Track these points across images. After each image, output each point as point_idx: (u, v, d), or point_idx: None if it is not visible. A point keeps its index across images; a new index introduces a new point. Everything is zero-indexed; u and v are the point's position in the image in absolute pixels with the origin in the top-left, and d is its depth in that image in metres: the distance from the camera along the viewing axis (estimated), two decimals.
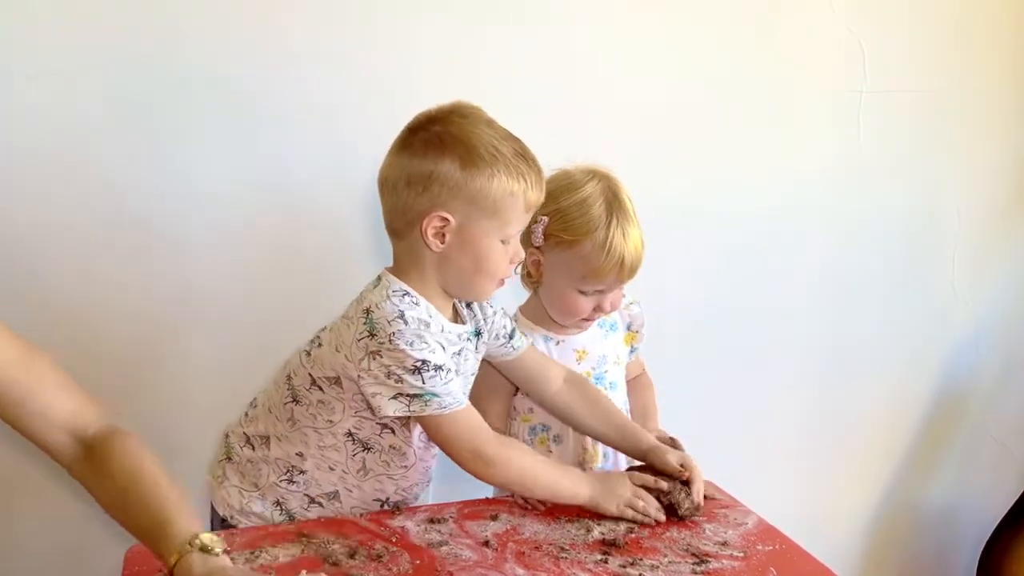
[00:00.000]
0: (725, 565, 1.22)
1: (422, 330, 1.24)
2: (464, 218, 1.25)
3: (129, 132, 1.66)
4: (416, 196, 1.24)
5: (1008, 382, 2.26)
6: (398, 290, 1.28)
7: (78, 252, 1.67)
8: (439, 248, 1.26)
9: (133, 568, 1.15)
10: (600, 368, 1.53)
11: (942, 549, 2.33)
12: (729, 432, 2.02)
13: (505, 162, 1.24)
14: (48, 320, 1.67)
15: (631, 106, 1.87)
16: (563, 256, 1.42)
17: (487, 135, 1.25)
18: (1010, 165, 2.13)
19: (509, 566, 1.19)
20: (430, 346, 1.24)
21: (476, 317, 1.39)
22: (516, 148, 1.26)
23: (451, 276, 1.29)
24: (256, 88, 1.67)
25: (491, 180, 1.23)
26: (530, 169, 1.26)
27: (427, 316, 1.27)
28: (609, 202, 1.41)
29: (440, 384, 1.24)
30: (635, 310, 1.57)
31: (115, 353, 1.70)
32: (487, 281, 1.30)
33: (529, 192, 1.26)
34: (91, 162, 1.65)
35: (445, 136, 1.24)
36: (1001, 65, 2.06)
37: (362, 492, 1.36)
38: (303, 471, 1.35)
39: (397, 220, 1.28)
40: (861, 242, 2.08)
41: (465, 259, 1.27)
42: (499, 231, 1.26)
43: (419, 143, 1.25)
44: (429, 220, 1.24)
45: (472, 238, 1.26)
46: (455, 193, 1.23)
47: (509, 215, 1.26)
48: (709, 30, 1.89)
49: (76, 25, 1.60)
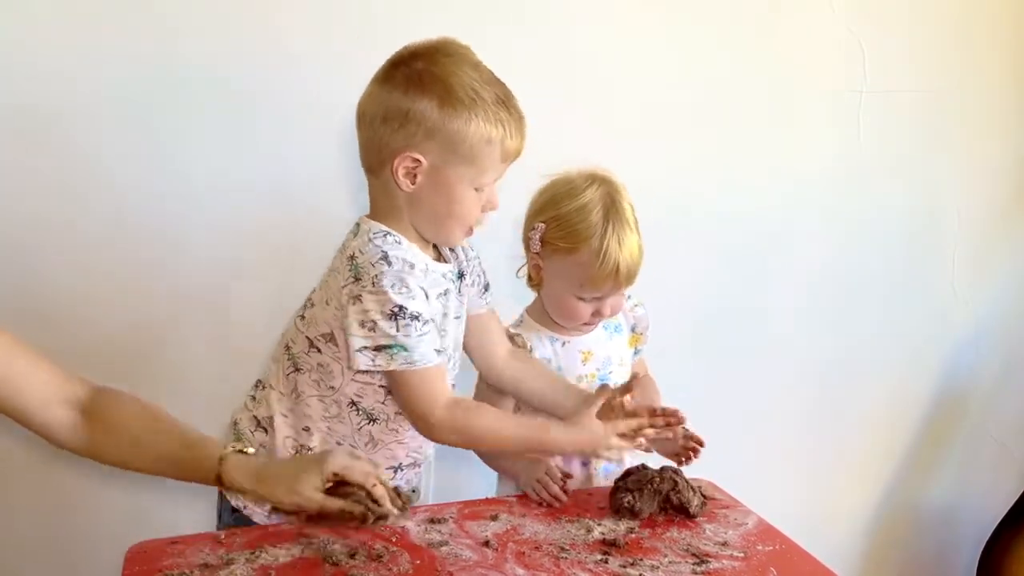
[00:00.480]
0: (725, 565, 1.22)
1: (406, 272, 1.23)
2: (437, 161, 1.22)
3: (129, 132, 1.66)
4: (391, 133, 1.22)
5: (1008, 382, 2.26)
6: (379, 232, 1.26)
7: (78, 252, 1.67)
8: (409, 188, 1.24)
9: (133, 568, 1.15)
10: (605, 369, 1.53)
11: (942, 549, 2.33)
12: (729, 432, 2.01)
13: (484, 107, 1.21)
14: (48, 319, 1.67)
15: (631, 106, 1.87)
16: (561, 263, 1.42)
17: (469, 77, 1.22)
18: (1010, 165, 2.13)
19: (509, 566, 1.19)
20: (411, 291, 1.22)
21: (459, 259, 1.38)
22: (499, 93, 1.23)
23: (421, 217, 1.27)
24: (256, 88, 1.67)
25: (468, 124, 1.20)
26: (511, 117, 1.23)
27: (411, 256, 1.25)
28: (607, 209, 1.40)
29: (414, 335, 1.22)
30: (639, 312, 1.57)
31: (115, 352, 1.70)
32: (456, 227, 1.28)
33: (508, 140, 1.23)
34: (91, 162, 1.65)
35: (426, 74, 1.21)
36: (1001, 65, 2.06)
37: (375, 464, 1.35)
38: (310, 448, 1.33)
39: (371, 156, 1.27)
40: (861, 242, 2.08)
41: (436, 202, 1.25)
42: (473, 178, 1.24)
43: (400, 78, 1.23)
44: (401, 160, 1.22)
45: (445, 182, 1.23)
46: (430, 134, 1.21)
47: (484, 162, 1.23)
48: (709, 30, 1.89)
49: (76, 25, 1.61)
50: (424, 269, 1.27)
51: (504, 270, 1.54)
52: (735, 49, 1.91)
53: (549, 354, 1.50)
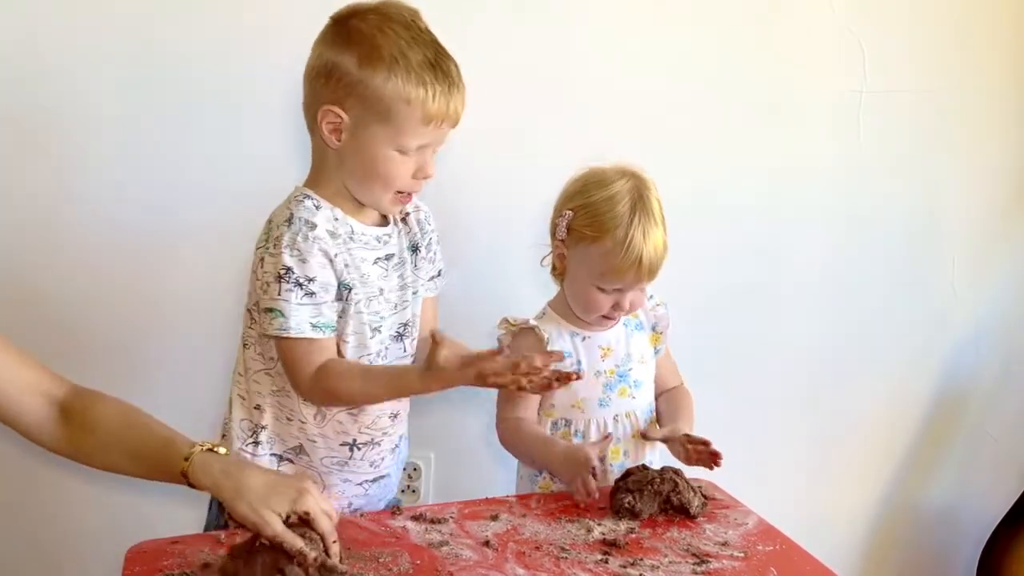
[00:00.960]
0: (726, 565, 1.22)
1: (301, 234, 1.22)
2: (357, 117, 1.22)
3: (129, 132, 1.66)
4: (319, 88, 1.24)
5: (1008, 382, 2.25)
6: (299, 195, 1.27)
7: (79, 251, 1.68)
8: (335, 145, 1.25)
9: (134, 568, 1.15)
10: (624, 366, 1.53)
11: (942, 549, 2.32)
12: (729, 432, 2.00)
13: (407, 67, 1.20)
14: (48, 318, 1.67)
15: (631, 106, 1.87)
16: (585, 251, 1.44)
17: (396, 36, 1.21)
18: (1010, 165, 2.12)
19: (510, 566, 1.19)
20: (302, 254, 1.22)
21: (413, 232, 1.38)
22: (428, 56, 1.22)
23: (347, 176, 1.28)
24: (256, 88, 1.67)
25: (386, 82, 1.20)
26: (436, 80, 1.22)
27: (319, 218, 1.25)
28: (635, 201, 1.42)
29: (293, 301, 1.22)
30: (661, 311, 1.58)
31: (115, 350, 1.70)
32: (380, 189, 1.27)
33: (429, 103, 1.21)
34: (91, 161, 1.65)
35: (354, 30, 1.22)
36: (1001, 65, 2.06)
37: (326, 440, 1.34)
38: (264, 426, 1.33)
39: (306, 112, 1.28)
40: (861, 242, 2.08)
41: (357, 162, 1.25)
42: (391, 138, 1.23)
43: (331, 34, 1.24)
44: (323, 114, 1.23)
45: (364, 141, 1.23)
46: (349, 90, 1.21)
47: (402, 123, 1.22)
48: (709, 30, 1.89)
49: (76, 26, 1.61)
50: (344, 233, 1.27)
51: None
52: (735, 49, 1.91)
53: (569, 348, 1.50)
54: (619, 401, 1.52)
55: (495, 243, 1.86)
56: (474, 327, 1.75)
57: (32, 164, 1.65)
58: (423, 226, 1.40)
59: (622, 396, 1.52)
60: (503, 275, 1.86)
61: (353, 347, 1.31)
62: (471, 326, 1.77)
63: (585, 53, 1.84)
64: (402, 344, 1.37)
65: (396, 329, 1.36)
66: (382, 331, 1.34)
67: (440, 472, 1.98)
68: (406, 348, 1.38)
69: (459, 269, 1.74)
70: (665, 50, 1.88)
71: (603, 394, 1.51)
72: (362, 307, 1.30)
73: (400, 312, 1.35)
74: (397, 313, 1.36)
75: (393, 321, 1.35)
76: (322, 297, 1.25)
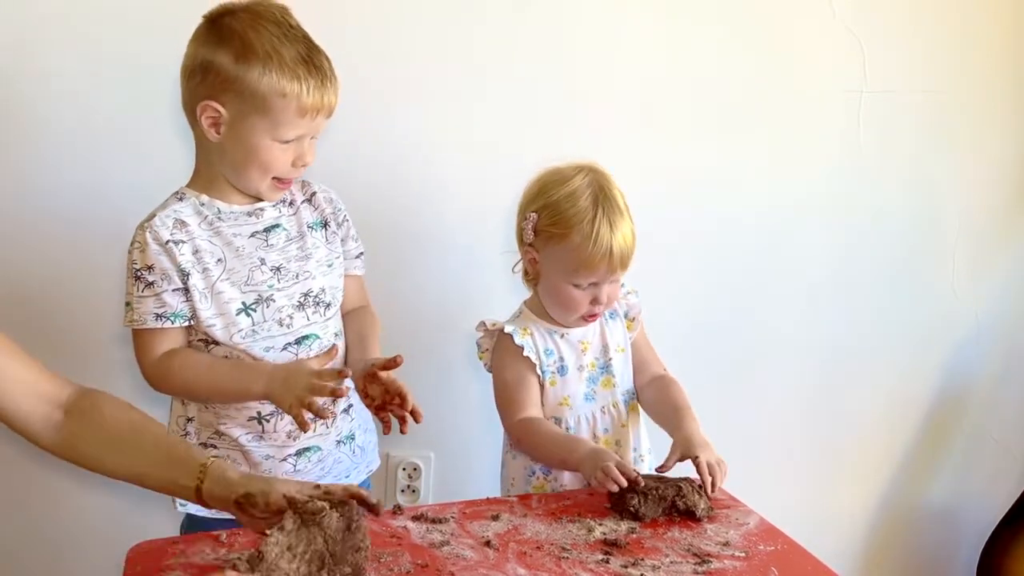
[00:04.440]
0: (727, 565, 1.22)
1: (149, 227, 1.30)
2: (235, 112, 1.27)
3: (129, 132, 1.66)
4: (196, 86, 1.29)
5: (1008, 382, 2.26)
6: (176, 193, 1.35)
7: (79, 251, 1.67)
8: (215, 138, 1.30)
9: (135, 568, 1.14)
10: (604, 357, 1.54)
11: (942, 549, 2.33)
12: (729, 432, 2.00)
13: (280, 62, 1.25)
14: (47, 318, 1.67)
15: (630, 106, 1.87)
16: (555, 250, 1.44)
17: (269, 33, 1.26)
18: (1010, 165, 2.12)
19: (511, 566, 1.19)
20: (143, 246, 1.30)
21: (322, 208, 1.43)
22: (300, 52, 1.27)
23: (226, 166, 1.33)
24: None
25: (261, 78, 1.25)
26: (310, 74, 1.27)
27: (173, 207, 1.32)
28: (596, 194, 1.43)
29: (136, 294, 1.31)
30: (632, 299, 1.58)
31: (114, 350, 1.70)
32: (256, 175, 1.33)
33: (304, 96, 1.27)
34: (91, 161, 1.65)
35: (226, 29, 1.27)
36: (1001, 65, 2.06)
37: (234, 419, 1.37)
38: (191, 418, 1.39)
39: (186, 108, 1.32)
40: (861, 242, 2.08)
41: (236, 152, 1.31)
42: (268, 129, 1.28)
43: (205, 33, 1.29)
44: (202, 110, 1.28)
45: (243, 133, 1.29)
46: (227, 86, 1.26)
47: (279, 116, 1.27)
48: (709, 30, 1.89)
49: (76, 26, 1.61)
50: (210, 215, 1.33)
51: (500, 265, 1.54)
52: (735, 49, 1.91)
53: (550, 346, 1.51)
54: (604, 393, 1.53)
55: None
56: (452, 329, 1.77)
57: (31, 164, 1.65)
58: (335, 204, 1.46)
59: (606, 388, 1.53)
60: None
61: (221, 328, 1.35)
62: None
63: (584, 53, 1.84)
64: (304, 313, 1.39)
65: (297, 299, 1.39)
66: (276, 299, 1.36)
67: (440, 472, 1.98)
68: (309, 317, 1.40)
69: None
70: (665, 50, 1.88)
71: (588, 388, 1.52)
72: (223, 287, 1.33)
73: (303, 282, 1.39)
74: (300, 283, 1.39)
75: (294, 291, 1.38)
76: (162, 286, 1.31)
